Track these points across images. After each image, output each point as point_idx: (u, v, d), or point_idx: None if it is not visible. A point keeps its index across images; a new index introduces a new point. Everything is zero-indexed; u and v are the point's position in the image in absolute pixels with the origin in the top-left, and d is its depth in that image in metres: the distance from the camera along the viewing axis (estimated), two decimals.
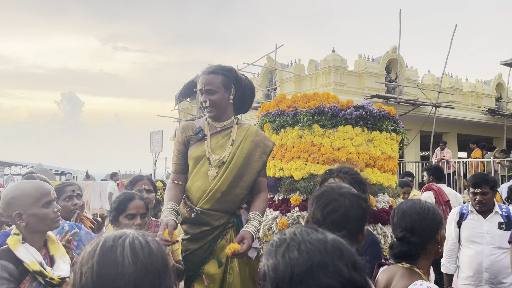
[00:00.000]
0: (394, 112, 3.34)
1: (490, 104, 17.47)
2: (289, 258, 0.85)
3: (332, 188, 1.48)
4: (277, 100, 3.41)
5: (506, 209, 3.20)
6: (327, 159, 3.05)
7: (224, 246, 2.31)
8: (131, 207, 2.27)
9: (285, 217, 3.05)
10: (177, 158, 2.53)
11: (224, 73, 2.41)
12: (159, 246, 0.99)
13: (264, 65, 16.10)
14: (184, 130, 2.54)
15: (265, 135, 2.55)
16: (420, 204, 1.70)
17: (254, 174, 2.42)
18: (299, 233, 0.91)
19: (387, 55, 14.60)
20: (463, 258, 3.22)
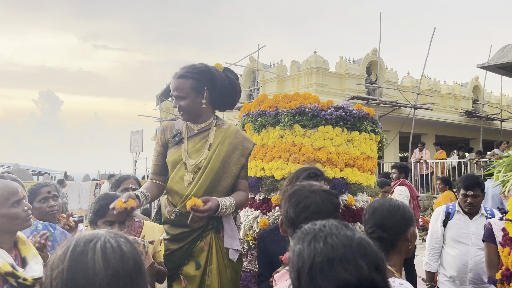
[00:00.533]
0: (373, 113, 3.39)
1: (467, 106, 17.92)
2: (314, 247, 0.89)
3: (303, 186, 1.53)
4: (258, 100, 3.43)
5: (490, 210, 3.27)
6: (308, 159, 3.09)
7: (203, 248, 2.31)
8: (111, 214, 2.23)
9: (266, 217, 3.07)
10: (156, 159, 2.51)
11: (194, 77, 2.31)
12: (132, 248, 0.97)
13: (246, 65, 16.13)
14: (163, 131, 2.51)
15: (244, 136, 2.50)
16: (391, 202, 1.76)
17: (232, 178, 2.38)
18: (329, 227, 0.94)
19: (367, 57, 14.83)
20: (446, 258, 3.25)
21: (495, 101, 19.08)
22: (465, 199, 3.16)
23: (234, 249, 2.37)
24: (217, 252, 2.33)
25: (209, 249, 2.32)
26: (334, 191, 1.59)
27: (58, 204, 2.59)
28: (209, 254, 2.31)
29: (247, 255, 3.06)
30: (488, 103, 18.60)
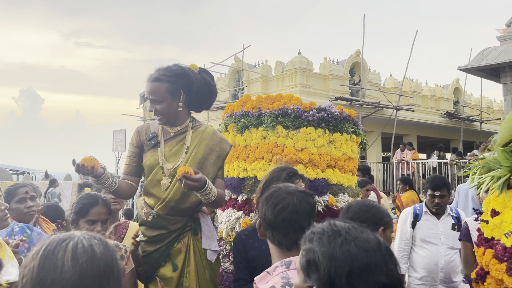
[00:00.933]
0: (355, 115, 3.44)
1: (448, 107, 18.26)
2: (348, 251, 0.89)
3: (280, 188, 1.55)
4: (241, 101, 3.44)
5: (455, 210, 3.35)
6: (290, 160, 3.11)
7: (181, 250, 2.29)
8: (93, 212, 2.21)
9: (248, 217, 3.08)
10: (129, 160, 2.47)
11: (170, 80, 2.28)
12: (105, 250, 0.98)
13: (231, 65, 16.12)
14: (138, 134, 2.47)
15: (221, 138, 2.46)
16: (366, 201, 1.80)
17: (209, 180, 2.32)
18: (353, 229, 0.96)
19: (351, 58, 14.98)
20: (416, 259, 3.28)
21: (475, 103, 19.50)
22: (433, 200, 3.23)
23: (212, 250, 2.36)
24: (195, 253, 2.31)
25: (186, 250, 2.30)
26: (310, 191, 1.62)
27: (36, 205, 2.56)
28: (187, 256, 2.30)
29: (229, 255, 3.07)
30: (469, 105, 18.99)
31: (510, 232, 1.76)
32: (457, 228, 3.24)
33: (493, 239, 1.94)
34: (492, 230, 1.94)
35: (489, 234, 1.97)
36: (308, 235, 0.98)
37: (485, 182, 1.99)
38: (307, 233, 0.99)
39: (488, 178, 1.96)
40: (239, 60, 15.57)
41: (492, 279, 1.86)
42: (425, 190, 3.36)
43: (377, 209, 1.78)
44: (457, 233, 3.22)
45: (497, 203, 1.93)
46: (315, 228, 0.98)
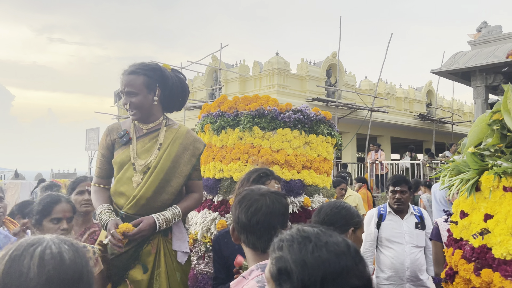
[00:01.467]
0: (330, 117, 3.48)
1: (421, 109, 18.68)
2: (320, 257, 0.88)
3: (252, 190, 1.55)
4: (218, 101, 3.42)
5: (418, 209, 3.44)
6: (266, 161, 3.12)
7: (150, 252, 2.25)
8: (57, 210, 2.15)
9: (224, 219, 3.07)
10: (101, 163, 2.41)
11: (146, 73, 2.27)
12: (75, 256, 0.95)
13: (209, 64, 16.03)
14: (109, 133, 2.42)
15: (195, 137, 2.45)
16: (337, 202, 1.83)
17: (182, 178, 2.33)
18: (322, 233, 0.94)
19: (327, 60, 15.14)
20: (383, 259, 3.32)
21: (447, 105, 20.04)
22: (394, 196, 3.33)
23: (183, 252, 2.33)
24: (165, 255, 2.27)
25: (156, 252, 2.26)
26: (282, 192, 1.64)
27: (3, 207, 2.48)
28: (157, 257, 2.26)
29: (204, 257, 3.05)
30: (441, 107, 19.50)
31: (478, 233, 1.82)
32: (421, 227, 3.32)
33: (461, 239, 1.99)
34: (461, 231, 2.00)
35: (458, 235, 2.03)
36: (277, 243, 0.96)
37: (455, 184, 2.04)
38: (276, 240, 0.97)
39: (457, 180, 2.02)
40: (216, 59, 15.50)
41: (461, 279, 1.92)
42: (387, 190, 3.45)
43: (348, 210, 1.81)
44: (421, 231, 3.31)
45: (466, 205, 1.98)
46: (284, 235, 0.96)
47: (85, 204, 2.68)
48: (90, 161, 14.31)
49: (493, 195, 1.81)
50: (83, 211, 2.67)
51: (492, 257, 1.74)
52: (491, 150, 1.93)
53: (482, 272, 1.76)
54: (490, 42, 10.97)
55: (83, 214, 2.68)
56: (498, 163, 1.79)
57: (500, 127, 1.94)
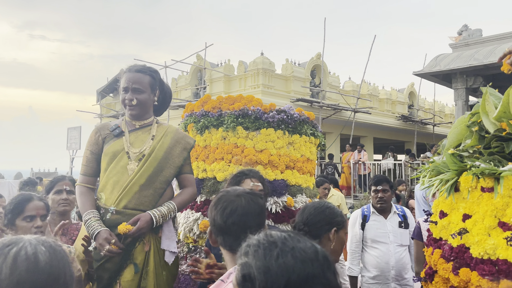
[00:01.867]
0: (313, 117, 3.49)
1: (403, 111, 18.96)
2: (284, 264, 0.85)
3: (227, 192, 1.54)
4: (201, 100, 3.40)
5: (401, 209, 3.49)
6: (250, 161, 3.12)
7: (143, 249, 2.24)
8: (30, 208, 2.11)
9: (207, 219, 3.06)
10: (89, 160, 2.41)
11: (151, 74, 2.41)
12: (52, 258, 0.93)
13: (193, 63, 15.95)
14: (98, 130, 2.45)
15: (185, 134, 2.60)
16: (321, 202, 1.84)
17: (174, 169, 2.40)
18: (289, 238, 0.91)
19: (312, 61, 15.23)
20: (368, 259, 3.36)
21: (429, 106, 20.38)
22: (376, 195, 3.38)
23: (171, 251, 2.32)
24: (155, 253, 2.27)
25: (148, 249, 2.25)
26: (258, 192, 1.64)
27: None
28: (147, 256, 2.25)
29: (186, 257, 3.03)
30: (422, 109, 19.83)
31: (457, 233, 1.85)
32: (404, 226, 3.37)
33: (441, 239, 2.02)
34: (440, 231, 2.03)
35: (437, 234, 2.06)
36: (243, 248, 0.92)
37: (434, 184, 2.07)
38: (243, 245, 0.93)
39: (437, 181, 2.05)
40: (201, 59, 15.44)
41: (440, 278, 1.95)
42: (369, 190, 3.49)
43: (331, 210, 1.82)
44: (404, 230, 3.36)
45: (445, 205, 2.02)
46: (251, 240, 0.93)
47: (63, 203, 2.63)
48: (71, 160, 14.08)
49: (472, 195, 1.84)
50: (61, 210, 2.62)
51: (470, 257, 1.77)
52: (469, 151, 1.97)
53: (460, 271, 1.79)
54: (471, 45, 11.20)
55: (61, 214, 2.63)
56: (476, 164, 1.82)
57: (479, 129, 1.98)
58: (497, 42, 10.66)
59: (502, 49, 9.89)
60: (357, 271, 3.43)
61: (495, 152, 1.83)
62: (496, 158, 1.81)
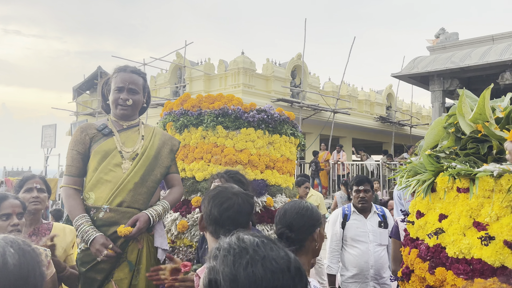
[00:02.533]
0: (293, 117, 3.50)
1: (381, 112, 19.24)
2: (253, 274, 0.80)
3: (226, 188, 1.67)
4: (181, 99, 3.36)
5: (380, 209, 3.54)
6: (230, 161, 3.10)
7: (137, 246, 2.24)
8: (5, 206, 2.06)
9: (185, 219, 3.02)
10: (74, 160, 2.36)
11: (143, 77, 2.48)
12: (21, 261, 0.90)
13: (173, 61, 15.79)
14: (84, 130, 2.41)
15: (171, 135, 2.63)
16: (301, 203, 1.84)
17: (164, 169, 2.45)
18: (262, 245, 0.86)
19: (292, 61, 15.29)
20: (348, 258, 3.38)
21: (406, 108, 20.75)
22: (358, 195, 3.42)
23: (163, 249, 2.35)
24: (148, 251, 2.28)
25: (141, 247, 2.26)
26: (251, 193, 1.76)
27: None
28: (140, 253, 2.26)
29: None
30: (400, 110, 20.17)
31: (433, 232, 1.88)
32: (384, 226, 3.41)
33: (417, 239, 2.05)
34: (417, 231, 2.05)
35: (414, 234, 2.09)
36: (213, 252, 0.88)
37: (412, 185, 2.10)
38: (213, 247, 0.89)
39: (414, 181, 2.07)
40: (181, 57, 15.29)
41: (416, 277, 1.97)
42: (351, 190, 3.53)
43: (311, 211, 1.82)
44: (384, 230, 3.40)
45: (422, 205, 2.04)
46: (222, 243, 0.88)
47: (34, 202, 2.55)
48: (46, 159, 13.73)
49: (448, 196, 1.87)
50: (32, 209, 2.54)
51: (445, 256, 1.80)
52: (446, 152, 2.00)
53: (436, 271, 1.82)
54: (448, 48, 11.45)
55: (31, 213, 2.55)
56: (452, 165, 1.85)
57: (455, 130, 2.01)
58: (473, 46, 10.94)
59: (478, 52, 10.16)
60: (336, 269, 3.45)
61: (471, 153, 1.86)
62: (472, 159, 1.84)
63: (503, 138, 1.75)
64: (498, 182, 1.67)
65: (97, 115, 17.17)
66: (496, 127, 1.82)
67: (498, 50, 9.87)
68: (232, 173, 2.45)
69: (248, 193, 1.70)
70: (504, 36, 10.78)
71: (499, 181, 1.67)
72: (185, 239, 3.01)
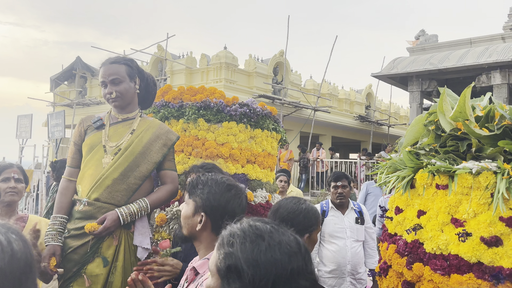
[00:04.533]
0: (276, 112, 3.49)
1: (360, 111, 19.48)
2: (272, 258, 0.87)
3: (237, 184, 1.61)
4: (162, 90, 3.31)
5: (357, 205, 3.59)
6: (211, 154, 3.06)
7: (112, 243, 2.20)
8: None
9: (163, 212, 2.98)
10: (74, 152, 2.43)
11: (126, 63, 2.38)
12: (24, 246, 0.90)
13: (154, 53, 15.57)
14: (82, 122, 2.46)
15: (169, 129, 2.53)
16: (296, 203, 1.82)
17: (151, 165, 2.37)
18: (275, 231, 0.93)
19: (275, 58, 15.30)
20: (325, 253, 3.41)
21: (385, 108, 21.07)
22: (336, 191, 3.47)
23: (143, 248, 2.29)
24: (125, 248, 2.25)
25: (117, 245, 2.22)
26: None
27: None
28: (117, 250, 2.22)
29: None
30: (379, 110, 20.47)
31: (411, 228, 1.90)
32: (360, 222, 3.46)
33: (396, 235, 2.08)
34: (395, 227, 2.08)
35: (392, 230, 2.11)
36: (226, 238, 0.93)
37: (391, 181, 2.12)
38: (225, 234, 0.95)
39: (394, 177, 2.09)
40: (162, 49, 15.09)
41: (394, 272, 1.99)
42: (328, 185, 3.57)
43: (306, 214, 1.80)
44: (360, 226, 3.45)
45: (401, 201, 2.07)
46: (235, 230, 0.94)
47: (11, 192, 2.47)
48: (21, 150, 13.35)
49: (427, 192, 1.90)
50: (8, 200, 2.46)
51: (423, 252, 1.83)
52: (426, 149, 2.02)
53: (413, 266, 1.84)
54: (427, 49, 11.66)
55: (7, 204, 2.47)
56: (432, 161, 1.88)
57: (435, 128, 2.04)
58: (451, 48, 11.17)
59: (456, 55, 10.38)
60: (314, 264, 3.48)
61: (451, 150, 1.89)
62: (451, 156, 1.87)
63: (482, 136, 1.79)
64: (477, 179, 1.70)
65: (74, 106, 16.80)
66: (475, 125, 1.85)
67: (476, 53, 10.11)
68: (209, 167, 2.41)
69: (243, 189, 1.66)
70: (481, 40, 11.05)
71: (478, 178, 1.70)
72: (163, 233, 2.97)
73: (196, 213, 1.48)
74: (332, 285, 3.34)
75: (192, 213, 1.49)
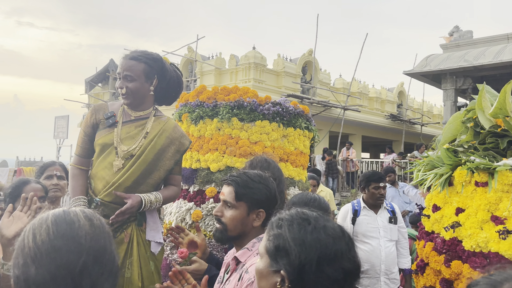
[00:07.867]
0: (308, 111, 3.51)
1: (392, 110, 19.12)
2: (318, 239, 0.94)
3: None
4: (197, 90, 3.39)
5: (390, 204, 3.54)
6: (244, 152, 3.12)
7: (123, 240, 2.21)
8: (27, 190, 2.12)
9: (199, 209, 3.05)
10: (83, 141, 2.36)
11: (147, 62, 2.27)
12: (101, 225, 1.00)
13: (184, 55, 15.84)
14: (94, 112, 2.37)
15: (182, 132, 2.44)
16: (308, 194, 1.85)
17: (164, 172, 2.32)
18: (320, 217, 1.01)
19: (303, 57, 15.25)
20: (359, 253, 3.41)
21: (417, 106, 20.59)
22: (378, 191, 3.41)
23: (156, 242, 2.32)
24: (138, 244, 2.25)
25: (129, 241, 2.23)
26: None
27: None
28: (129, 247, 2.23)
29: (177, 246, 3.02)
30: (411, 108, 20.02)
31: (449, 226, 1.88)
32: (394, 221, 3.42)
33: (433, 232, 2.06)
34: (432, 224, 2.06)
35: (429, 228, 2.09)
36: (275, 222, 1.01)
37: (429, 179, 2.10)
38: (274, 219, 1.02)
39: (431, 175, 2.08)
40: (192, 51, 15.33)
41: (431, 270, 1.98)
42: (367, 185, 3.46)
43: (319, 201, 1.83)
44: (393, 225, 3.41)
45: (438, 199, 2.05)
46: (283, 215, 1.01)
47: (54, 189, 2.60)
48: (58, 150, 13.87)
49: (465, 189, 1.87)
50: (52, 196, 2.59)
51: (462, 249, 1.81)
52: (464, 146, 2.00)
53: (452, 264, 1.83)
54: (461, 46, 11.32)
55: (52, 200, 2.60)
56: (471, 159, 1.86)
57: (474, 125, 2.01)
58: (487, 44, 10.80)
59: (492, 51, 10.04)
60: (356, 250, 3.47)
61: (490, 147, 1.86)
62: (491, 153, 1.84)
63: None
64: None
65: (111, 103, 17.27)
66: None
67: None
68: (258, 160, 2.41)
69: None
70: None
71: None
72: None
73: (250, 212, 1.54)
74: (366, 285, 3.32)
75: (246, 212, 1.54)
